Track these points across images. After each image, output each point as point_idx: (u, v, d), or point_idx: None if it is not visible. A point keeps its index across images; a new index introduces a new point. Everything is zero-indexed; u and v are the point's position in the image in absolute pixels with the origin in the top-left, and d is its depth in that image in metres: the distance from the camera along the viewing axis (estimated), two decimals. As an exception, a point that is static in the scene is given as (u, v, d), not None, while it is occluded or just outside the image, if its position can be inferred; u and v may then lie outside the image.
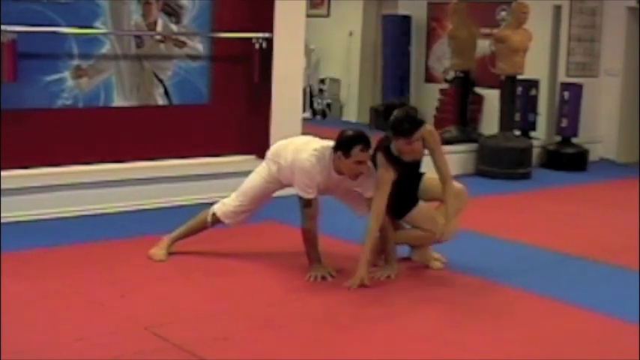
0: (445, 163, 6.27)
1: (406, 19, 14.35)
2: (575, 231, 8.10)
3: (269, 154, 6.40)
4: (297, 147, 6.16)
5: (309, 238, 6.11)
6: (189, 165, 8.39)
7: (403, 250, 6.46)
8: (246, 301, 5.58)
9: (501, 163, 10.86)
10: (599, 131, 13.01)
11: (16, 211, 7.20)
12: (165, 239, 6.45)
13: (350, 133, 6.00)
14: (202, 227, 6.53)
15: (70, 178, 7.63)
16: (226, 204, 6.44)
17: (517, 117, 11.50)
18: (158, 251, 6.38)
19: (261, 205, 6.52)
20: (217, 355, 4.60)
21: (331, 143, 6.04)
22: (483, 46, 12.24)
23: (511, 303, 5.82)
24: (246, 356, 4.64)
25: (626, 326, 5.38)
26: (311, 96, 15.23)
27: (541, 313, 5.63)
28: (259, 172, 6.39)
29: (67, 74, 7.80)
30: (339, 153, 5.92)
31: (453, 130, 12.11)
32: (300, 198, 6.02)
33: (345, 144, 5.92)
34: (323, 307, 5.53)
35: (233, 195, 6.45)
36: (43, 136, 7.68)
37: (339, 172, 6.00)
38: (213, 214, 6.44)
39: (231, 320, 5.19)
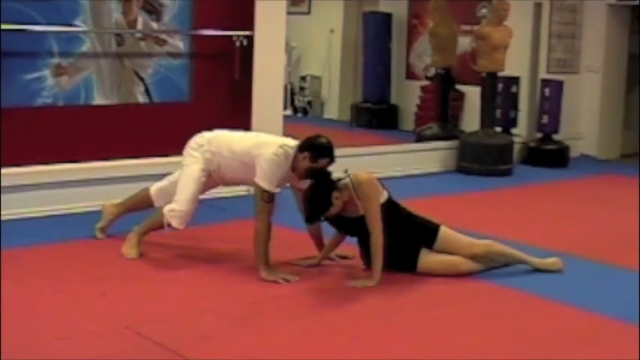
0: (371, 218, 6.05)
1: (387, 17, 14.37)
2: (557, 227, 8.12)
3: (201, 145, 6.37)
4: (252, 142, 6.21)
5: (265, 237, 6.03)
6: (170, 163, 8.33)
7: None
8: (228, 299, 5.57)
9: (482, 160, 10.88)
10: (580, 128, 13.06)
11: (-3, 210, 7.19)
12: (133, 236, 6.45)
13: (325, 142, 6.15)
14: (159, 228, 6.48)
15: (50, 177, 7.60)
16: (177, 210, 6.33)
17: (498, 114, 11.54)
18: (129, 250, 6.38)
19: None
20: (199, 354, 4.59)
21: (280, 141, 6.19)
22: (464, 43, 12.29)
23: (493, 300, 5.83)
24: (227, 354, 4.63)
25: (608, 322, 5.41)
26: (292, 93, 15.23)
27: (523, 309, 5.65)
28: (195, 165, 6.36)
29: (47, 72, 7.76)
30: (307, 154, 6.02)
31: (434, 127, 12.13)
32: (263, 192, 5.99)
33: (317, 149, 6.06)
34: (305, 305, 5.53)
35: (179, 199, 6.36)
36: (23, 135, 7.65)
37: (293, 170, 6.10)
38: (169, 224, 6.38)
39: (212, 319, 5.18)
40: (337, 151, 9.76)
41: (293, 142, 6.18)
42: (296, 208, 6.42)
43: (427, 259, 6.21)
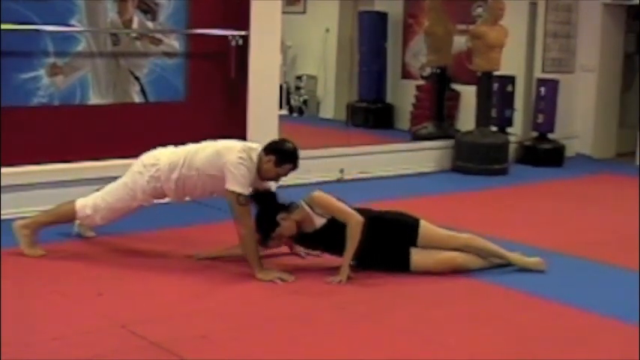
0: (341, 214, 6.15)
1: (383, 16, 14.36)
2: (552, 226, 8.13)
3: (157, 179, 6.35)
4: (211, 152, 6.24)
5: (252, 239, 6.05)
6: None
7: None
8: (225, 299, 5.58)
9: (478, 159, 10.88)
10: (575, 127, 13.06)
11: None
12: (27, 233, 6.35)
13: (291, 147, 6.25)
14: (67, 222, 6.59)
15: (45, 177, 7.59)
16: (93, 217, 6.44)
17: (493, 113, 11.53)
18: (32, 250, 6.30)
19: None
20: (195, 354, 4.59)
21: (242, 144, 6.25)
22: (460, 42, 12.28)
23: (489, 299, 5.83)
24: (224, 355, 4.63)
25: (604, 321, 5.43)
26: (288, 93, 15.19)
27: (519, 308, 5.65)
28: (135, 196, 6.38)
29: (42, 72, 7.76)
30: (272, 157, 6.12)
31: (429, 127, 12.14)
32: (238, 196, 6.01)
33: (283, 154, 6.18)
34: (301, 306, 5.53)
35: (102, 210, 6.40)
36: (19, 135, 7.63)
37: (257, 171, 6.16)
38: (79, 223, 6.55)
39: (209, 319, 5.18)
40: (333, 151, 9.89)
41: (254, 145, 6.27)
42: None
43: (420, 257, 6.22)
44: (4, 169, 7.39)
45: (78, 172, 7.78)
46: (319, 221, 6.13)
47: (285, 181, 6.53)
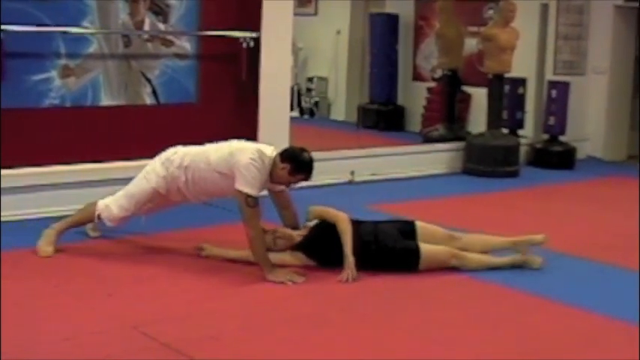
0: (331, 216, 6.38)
1: (394, 18, 14.36)
2: (563, 229, 8.11)
3: (172, 161, 6.45)
4: (226, 151, 6.28)
5: (261, 240, 6.10)
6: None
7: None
8: (235, 300, 5.58)
9: (489, 162, 10.87)
10: (587, 129, 13.04)
11: (2, 210, 7.18)
12: (51, 233, 6.44)
13: (308, 158, 6.25)
14: (90, 221, 6.68)
15: (56, 178, 7.61)
16: (110, 207, 6.49)
17: (505, 115, 11.53)
18: (45, 247, 6.37)
19: (146, 210, 6.62)
20: (205, 354, 4.60)
21: (255, 146, 6.31)
22: (471, 44, 12.28)
23: (499, 301, 5.84)
24: (234, 355, 4.64)
25: (611, 323, 5.43)
26: (299, 95, 15.20)
27: (525, 310, 5.66)
28: (150, 179, 6.46)
29: (54, 74, 7.78)
30: (287, 165, 6.15)
31: (440, 129, 12.14)
32: (247, 197, 6.02)
33: (299, 165, 6.20)
34: (311, 306, 5.54)
35: (119, 198, 6.51)
36: (30, 136, 7.66)
37: (269, 175, 6.20)
38: (99, 215, 6.55)
39: (219, 319, 5.19)
40: (344, 153, 9.90)
41: (268, 148, 6.28)
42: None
43: (425, 253, 6.27)
44: (17, 171, 7.41)
45: (89, 173, 7.79)
46: (310, 224, 6.39)
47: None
